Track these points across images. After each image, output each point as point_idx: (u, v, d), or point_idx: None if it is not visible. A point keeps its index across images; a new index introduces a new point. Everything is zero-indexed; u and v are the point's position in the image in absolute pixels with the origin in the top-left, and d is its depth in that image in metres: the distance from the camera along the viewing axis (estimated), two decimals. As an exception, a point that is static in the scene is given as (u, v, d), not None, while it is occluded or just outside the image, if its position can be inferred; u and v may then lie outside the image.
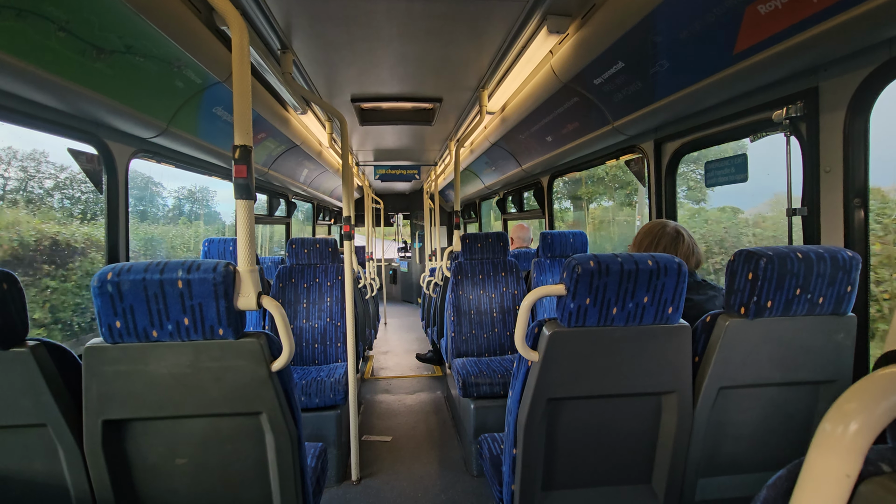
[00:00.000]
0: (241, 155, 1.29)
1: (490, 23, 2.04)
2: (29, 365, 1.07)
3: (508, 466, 1.39)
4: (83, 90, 1.58)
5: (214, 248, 2.92)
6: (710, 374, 1.28)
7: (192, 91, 2.04)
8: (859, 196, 1.45)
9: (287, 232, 5.15)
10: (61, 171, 3.80)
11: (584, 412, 1.32)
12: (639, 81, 1.94)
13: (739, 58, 1.49)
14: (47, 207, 3.76)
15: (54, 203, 3.85)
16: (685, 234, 1.68)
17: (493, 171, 4.90)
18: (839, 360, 1.31)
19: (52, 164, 3.73)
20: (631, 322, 1.24)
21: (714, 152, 2.36)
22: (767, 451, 1.40)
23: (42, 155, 3.66)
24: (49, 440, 1.14)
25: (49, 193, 3.80)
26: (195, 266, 1.10)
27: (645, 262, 1.20)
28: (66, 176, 3.85)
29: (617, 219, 7.12)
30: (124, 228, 2.15)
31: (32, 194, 3.69)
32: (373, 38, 2.19)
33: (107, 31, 1.47)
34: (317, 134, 4.12)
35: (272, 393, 1.17)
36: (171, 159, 2.54)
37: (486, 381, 2.66)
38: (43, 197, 3.74)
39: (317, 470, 1.63)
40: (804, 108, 1.55)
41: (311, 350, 3.07)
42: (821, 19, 1.21)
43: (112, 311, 1.08)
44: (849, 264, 1.23)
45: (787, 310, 1.25)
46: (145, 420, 1.18)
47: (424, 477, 2.66)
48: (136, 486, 1.21)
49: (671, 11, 1.50)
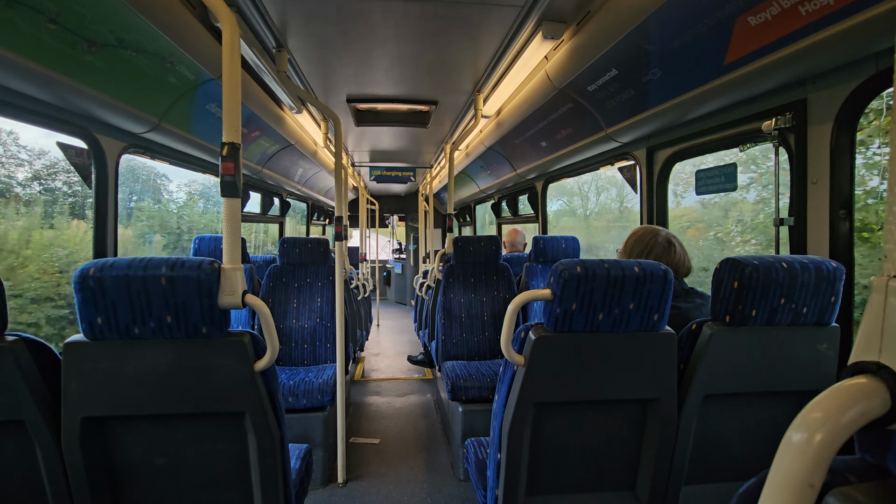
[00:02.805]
0: (228, 152, 1.28)
1: (486, 27, 2.05)
2: (6, 360, 1.05)
3: (493, 471, 1.38)
4: (73, 83, 1.57)
5: (205, 246, 2.89)
6: (695, 382, 1.29)
7: (186, 87, 2.03)
8: (845, 207, 1.46)
9: (280, 231, 5.13)
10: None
11: (568, 417, 1.32)
12: (632, 89, 1.96)
13: (730, 68, 1.50)
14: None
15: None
16: (676, 244, 1.69)
17: (488, 175, 4.90)
18: (822, 370, 1.32)
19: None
20: (617, 328, 1.24)
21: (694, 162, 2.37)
22: (752, 460, 1.41)
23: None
24: (26, 438, 1.12)
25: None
26: (179, 263, 1.09)
27: (631, 268, 1.20)
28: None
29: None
30: (113, 224, 2.12)
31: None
32: (369, 39, 2.19)
33: (98, 25, 1.46)
34: (312, 133, 4.11)
35: (256, 393, 1.16)
36: (163, 155, 2.52)
37: (475, 385, 2.66)
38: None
39: (301, 471, 1.61)
40: (793, 120, 1.57)
41: (300, 350, 3.05)
42: (809, 32, 1.22)
43: (94, 308, 1.07)
44: (833, 275, 1.24)
45: (771, 319, 1.25)
46: (125, 418, 1.16)
47: (411, 480, 2.65)
48: (114, 484, 1.20)
49: (664, 21, 1.52)
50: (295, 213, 6.37)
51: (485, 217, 7.93)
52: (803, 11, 1.20)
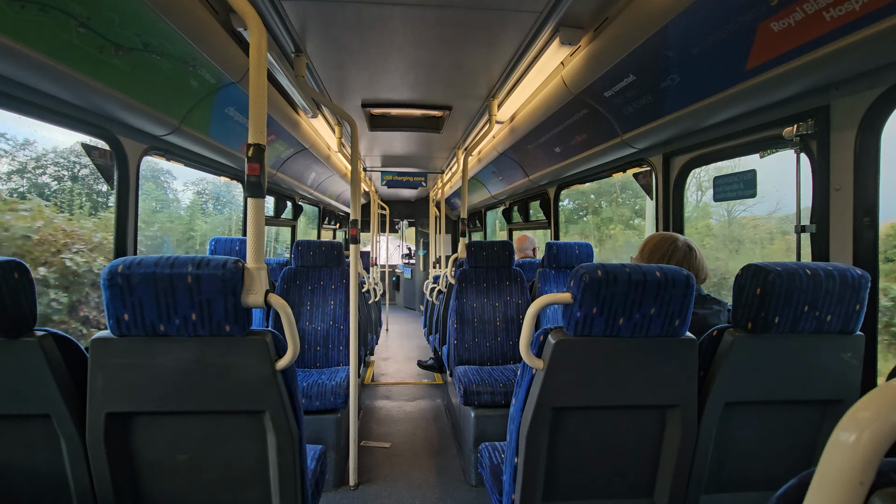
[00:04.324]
0: (254, 153, 1.30)
1: (503, 33, 2.06)
2: (36, 355, 1.07)
3: (509, 475, 1.38)
4: (100, 86, 1.60)
5: (221, 247, 2.92)
6: (715, 389, 1.27)
7: (206, 91, 2.06)
8: (869, 215, 1.44)
9: (292, 234, 5.17)
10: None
11: (587, 422, 1.31)
12: (649, 95, 1.95)
13: (751, 74, 1.49)
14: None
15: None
16: (696, 250, 1.68)
17: (500, 181, 4.90)
18: (846, 379, 1.30)
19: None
20: (637, 333, 1.23)
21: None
22: (772, 470, 1.38)
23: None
24: (52, 431, 1.14)
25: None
26: (205, 262, 1.10)
27: (653, 273, 1.19)
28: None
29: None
30: (133, 224, 2.16)
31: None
32: (386, 45, 2.22)
33: (126, 29, 1.49)
34: (326, 138, 4.15)
35: (276, 392, 1.17)
36: (182, 158, 2.56)
37: (488, 390, 2.65)
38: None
39: (316, 472, 1.62)
40: (815, 126, 1.56)
41: (312, 353, 3.06)
42: (834, 38, 1.21)
43: (121, 304, 1.09)
44: (858, 283, 1.22)
45: (794, 326, 1.24)
46: (148, 414, 1.18)
47: (422, 485, 2.63)
48: (135, 479, 1.21)
49: (684, 26, 1.52)
50: (304, 216, 6.43)
51: (495, 223, 7.93)
52: (828, 17, 1.20)
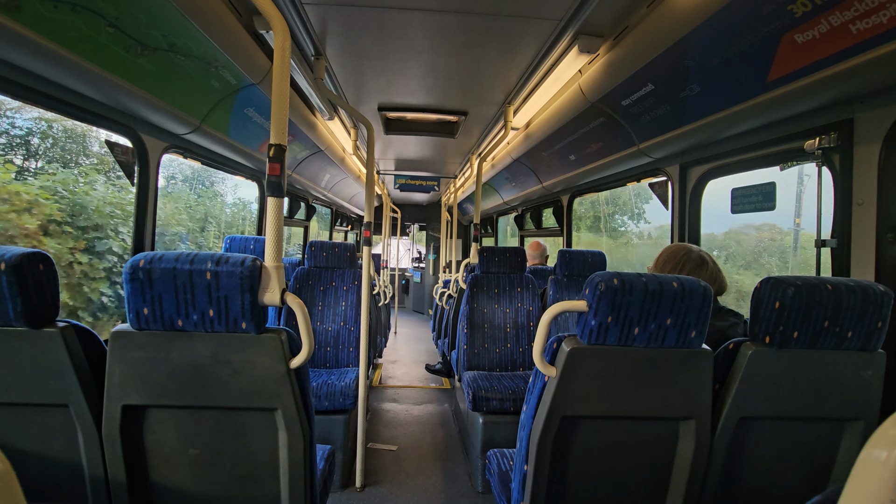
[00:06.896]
0: (275, 153, 1.32)
1: (522, 39, 2.07)
2: (57, 345, 1.10)
3: (518, 483, 1.37)
4: (125, 84, 1.64)
5: (236, 246, 2.96)
6: (731, 403, 1.25)
7: (227, 91, 2.10)
8: (893, 230, 1.42)
9: (305, 235, 5.21)
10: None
11: (599, 432, 1.30)
12: (668, 105, 1.94)
13: (773, 86, 1.48)
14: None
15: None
16: (710, 260, 1.66)
17: (513, 187, 4.90)
18: (866, 397, 1.27)
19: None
20: (652, 343, 1.22)
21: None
22: (786, 487, 1.36)
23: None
24: (69, 421, 1.16)
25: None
26: (224, 259, 1.12)
27: (669, 283, 1.18)
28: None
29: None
30: (152, 220, 2.20)
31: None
32: (404, 49, 2.24)
33: (153, 29, 1.53)
34: (341, 140, 4.19)
35: (289, 390, 1.18)
36: (201, 156, 2.60)
37: (497, 396, 2.63)
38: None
39: (325, 472, 1.62)
40: (838, 140, 1.53)
41: (323, 353, 3.08)
42: (860, 51, 1.20)
43: (141, 298, 1.11)
44: (881, 299, 1.20)
45: (813, 342, 1.21)
46: (163, 408, 1.19)
47: (429, 489, 2.63)
48: (148, 472, 1.23)
49: (705, 37, 1.51)
50: (315, 217, 6.49)
51: (506, 229, 7.92)
52: (854, 30, 1.18)
